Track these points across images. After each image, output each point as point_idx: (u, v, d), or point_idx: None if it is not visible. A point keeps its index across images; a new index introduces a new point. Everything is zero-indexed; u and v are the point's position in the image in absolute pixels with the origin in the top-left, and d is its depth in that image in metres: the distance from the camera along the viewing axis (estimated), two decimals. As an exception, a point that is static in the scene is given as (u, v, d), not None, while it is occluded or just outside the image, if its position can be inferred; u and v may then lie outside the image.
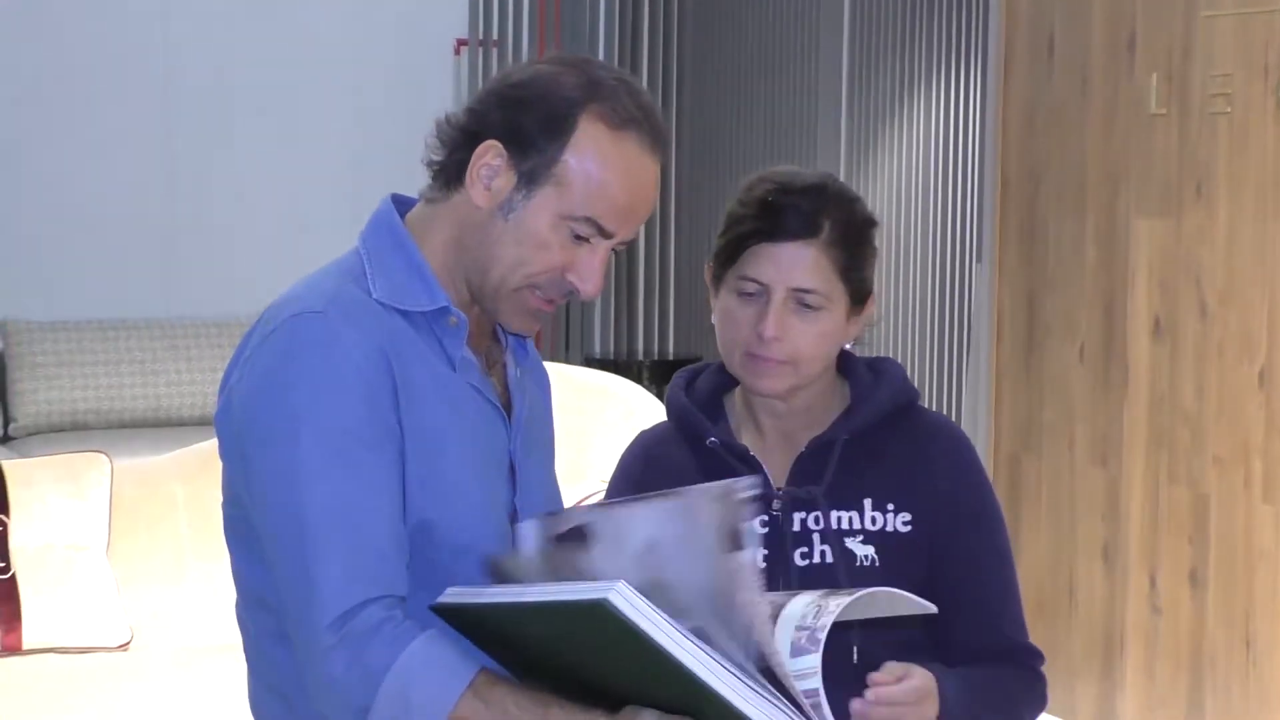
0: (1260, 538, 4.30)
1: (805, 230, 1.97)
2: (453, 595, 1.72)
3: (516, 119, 1.79)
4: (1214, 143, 4.45)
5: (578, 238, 1.79)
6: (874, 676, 1.81)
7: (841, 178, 7.30)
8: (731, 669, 1.59)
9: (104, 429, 6.27)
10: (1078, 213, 4.89)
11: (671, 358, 7.55)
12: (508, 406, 1.89)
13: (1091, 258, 4.83)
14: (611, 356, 7.45)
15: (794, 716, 1.60)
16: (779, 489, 2.02)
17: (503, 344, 1.91)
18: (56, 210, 6.57)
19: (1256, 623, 4.32)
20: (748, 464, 2.02)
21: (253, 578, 1.82)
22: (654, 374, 7.18)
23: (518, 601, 1.64)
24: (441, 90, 6.81)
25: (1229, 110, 4.41)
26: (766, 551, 2.00)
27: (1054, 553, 4.91)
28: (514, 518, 1.86)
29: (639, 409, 4.42)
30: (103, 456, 4.03)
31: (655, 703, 1.63)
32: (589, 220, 1.78)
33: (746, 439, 2.07)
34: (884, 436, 2.05)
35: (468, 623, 1.71)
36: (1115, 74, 4.76)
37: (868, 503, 2.01)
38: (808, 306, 1.98)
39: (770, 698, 1.60)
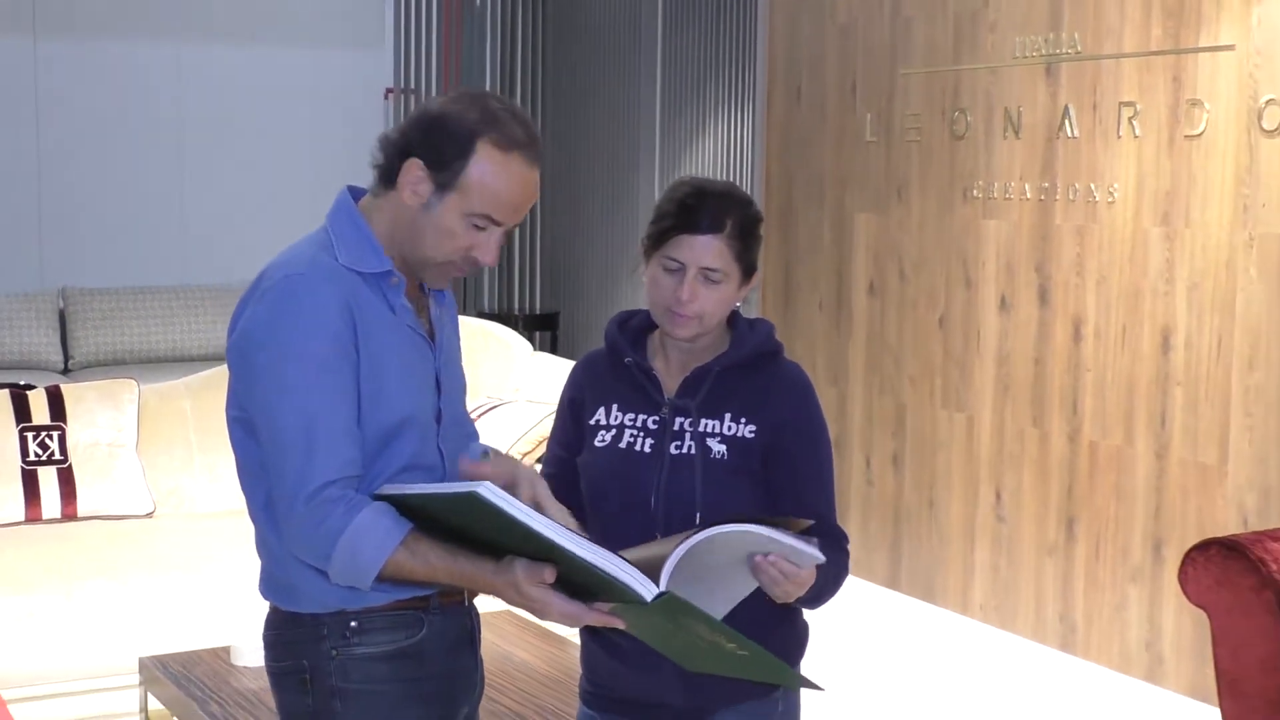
0: (939, 432, 4.49)
1: (714, 227, 2.00)
2: (386, 489, 1.81)
3: (432, 142, 1.83)
4: (909, 161, 4.60)
5: (478, 228, 1.86)
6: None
7: (656, 182, 6.67)
8: (577, 535, 1.65)
9: (137, 364, 6.31)
10: (818, 208, 4.98)
11: (539, 312, 7.47)
12: (432, 336, 1.97)
13: (827, 239, 4.94)
14: (497, 310, 7.43)
15: (627, 568, 1.64)
16: (669, 398, 2.09)
17: (426, 294, 1.99)
18: (101, 208, 6.75)
19: (936, 491, 4.49)
20: (650, 379, 2.09)
21: (252, 459, 1.89)
22: (527, 323, 7.17)
23: (420, 493, 1.76)
24: (375, 124, 6.97)
25: (919, 139, 4.55)
26: (653, 441, 2.06)
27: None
28: (439, 416, 1.94)
29: (513, 346, 4.51)
30: (132, 381, 4.15)
31: (524, 555, 1.74)
32: (485, 216, 1.84)
33: (656, 364, 2.11)
34: (749, 373, 2.08)
35: (399, 505, 1.81)
36: (842, 111, 4.88)
37: (727, 415, 2.05)
38: (712, 280, 2.02)
39: (609, 555, 1.64)
